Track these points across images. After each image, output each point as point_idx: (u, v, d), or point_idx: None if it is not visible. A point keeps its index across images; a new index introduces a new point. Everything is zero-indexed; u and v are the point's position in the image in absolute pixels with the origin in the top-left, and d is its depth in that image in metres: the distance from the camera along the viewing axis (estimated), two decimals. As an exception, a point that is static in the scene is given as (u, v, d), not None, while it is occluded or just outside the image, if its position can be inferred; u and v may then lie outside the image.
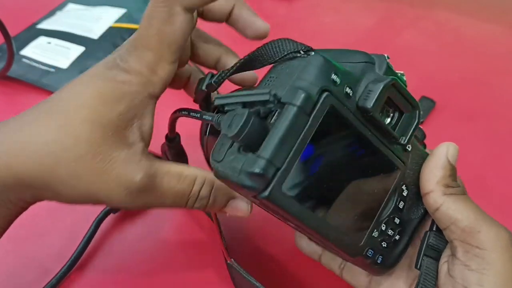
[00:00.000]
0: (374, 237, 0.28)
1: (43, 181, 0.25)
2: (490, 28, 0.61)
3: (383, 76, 0.25)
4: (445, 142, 0.29)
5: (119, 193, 0.26)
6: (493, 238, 0.26)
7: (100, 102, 0.26)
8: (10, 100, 0.52)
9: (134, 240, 0.39)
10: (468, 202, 0.28)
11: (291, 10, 0.65)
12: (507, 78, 0.54)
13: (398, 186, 0.28)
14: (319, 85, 0.23)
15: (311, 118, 0.23)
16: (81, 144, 0.25)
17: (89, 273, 0.37)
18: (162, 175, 0.28)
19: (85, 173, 0.26)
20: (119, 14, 0.62)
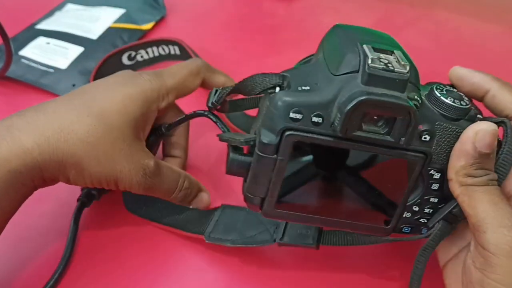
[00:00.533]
0: (407, 217, 0.29)
1: (79, 157, 0.31)
2: (490, 28, 0.61)
3: (357, 92, 0.25)
4: (477, 123, 0.26)
5: (137, 174, 0.33)
6: (497, 242, 0.25)
7: (130, 101, 0.33)
8: (9, 100, 0.52)
9: (117, 226, 0.39)
10: (485, 195, 0.26)
11: (291, 10, 0.65)
12: (508, 78, 0.54)
13: (424, 173, 0.28)
14: (279, 126, 0.26)
15: (278, 157, 0.26)
16: (114, 130, 0.32)
17: (83, 269, 0.37)
18: (163, 165, 0.35)
19: (117, 154, 0.32)
20: (118, 14, 0.62)
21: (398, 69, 0.25)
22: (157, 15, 0.63)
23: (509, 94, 0.28)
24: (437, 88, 0.27)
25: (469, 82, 0.29)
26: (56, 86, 0.52)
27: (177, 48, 0.55)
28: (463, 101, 0.27)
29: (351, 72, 0.25)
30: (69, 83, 0.52)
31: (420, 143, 0.27)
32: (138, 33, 0.60)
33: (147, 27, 0.61)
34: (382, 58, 0.25)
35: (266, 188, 0.28)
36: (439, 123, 0.27)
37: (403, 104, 0.25)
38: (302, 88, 0.26)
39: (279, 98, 0.25)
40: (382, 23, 0.63)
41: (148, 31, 0.61)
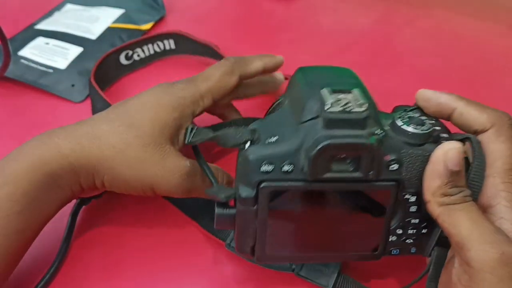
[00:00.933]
0: (393, 241, 0.31)
1: (112, 162, 0.33)
2: (488, 27, 0.61)
3: (319, 137, 0.26)
4: (444, 144, 0.27)
5: (174, 175, 0.34)
6: (481, 258, 0.25)
7: (160, 108, 0.35)
8: (8, 100, 0.52)
9: (114, 225, 0.39)
10: (464, 213, 0.26)
11: (290, 10, 0.65)
12: (506, 78, 0.54)
13: (400, 198, 0.29)
14: (253, 180, 0.28)
15: (258, 207, 0.28)
16: (144, 137, 0.34)
17: (78, 266, 0.37)
18: (196, 165, 0.36)
19: (149, 158, 0.34)
20: (117, 14, 0.62)
21: (356, 109, 0.27)
22: (157, 15, 0.63)
23: (475, 111, 0.29)
24: (398, 117, 0.29)
25: (435, 103, 0.30)
26: (55, 87, 0.52)
27: (172, 42, 0.56)
28: (424, 126, 0.28)
29: (313, 119, 0.27)
30: (69, 83, 0.52)
31: (389, 172, 0.28)
32: (138, 33, 0.60)
33: (147, 27, 0.61)
34: (342, 99, 0.27)
35: (253, 237, 0.30)
36: (404, 150, 0.28)
37: (363, 142, 0.26)
38: (270, 140, 0.28)
39: (249, 154, 0.28)
40: (381, 22, 0.63)
41: (147, 31, 0.61)
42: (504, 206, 0.27)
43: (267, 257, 0.31)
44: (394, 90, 0.50)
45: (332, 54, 0.57)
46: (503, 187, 0.27)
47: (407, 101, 0.50)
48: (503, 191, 0.27)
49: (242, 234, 0.30)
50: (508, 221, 0.27)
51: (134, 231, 0.39)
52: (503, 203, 0.27)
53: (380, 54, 0.58)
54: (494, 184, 0.28)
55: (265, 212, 0.29)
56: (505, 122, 0.29)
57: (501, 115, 0.29)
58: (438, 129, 0.30)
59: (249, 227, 0.30)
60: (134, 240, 0.39)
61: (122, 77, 0.54)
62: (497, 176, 0.27)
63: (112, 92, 0.53)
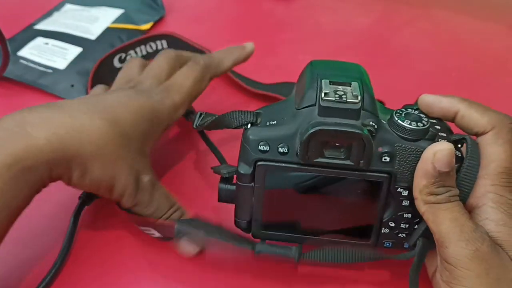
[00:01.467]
0: (386, 233, 0.32)
1: (86, 159, 0.31)
2: (487, 27, 0.61)
3: (312, 123, 0.28)
4: (434, 144, 0.28)
5: (131, 185, 0.34)
6: (458, 255, 0.26)
7: (142, 115, 0.35)
8: (7, 101, 0.52)
9: (115, 226, 0.39)
10: (447, 213, 0.27)
11: (289, 10, 0.65)
12: (505, 78, 0.54)
13: (393, 191, 0.30)
14: (251, 158, 0.30)
15: (254, 185, 0.30)
16: (123, 138, 0.33)
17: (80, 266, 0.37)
18: (158, 187, 0.36)
19: (119, 161, 0.33)
20: (116, 14, 0.62)
21: (351, 99, 0.28)
22: (156, 15, 0.63)
23: (476, 113, 0.30)
24: (396, 113, 0.29)
25: (437, 107, 0.30)
26: (55, 87, 0.52)
27: (165, 42, 0.55)
28: (420, 122, 0.29)
29: (310, 106, 0.29)
30: (68, 83, 0.52)
31: (381, 164, 0.29)
32: (137, 33, 0.60)
33: (146, 27, 0.61)
34: (339, 90, 0.29)
35: (250, 213, 0.32)
36: (398, 144, 0.29)
37: (354, 131, 0.27)
38: (270, 123, 0.30)
39: (249, 134, 0.30)
40: (380, 22, 0.63)
41: (146, 31, 0.61)
42: (490, 207, 0.28)
43: (262, 234, 0.33)
44: (393, 90, 0.51)
45: (331, 54, 0.57)
46: (492, 189, 0.28)
47: (406, 101, 0.50)
48: (491, 192, 0.28)
49: (240, 209, 0.32)
50: (493, 222, 0.27)
51: (135, 232, 0.39)
52: (490, 204, 0.28)
53: (380, 54, 0.58)
54: (483, 185, 0.28)
55: (261, 189, 0.31)
56: (506, 125, 0.29)
57: (503, 118, 0.29)
58: (438, 128, 0.30)
59: (245, 203, 0.32)
60: (135, 240, 0.39)
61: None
62: (488, 178, 0.28)
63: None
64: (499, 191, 0.28)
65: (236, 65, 0.44)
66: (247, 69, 0.54)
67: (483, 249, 0.26)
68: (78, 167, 0.32)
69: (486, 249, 0.26)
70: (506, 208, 0.27)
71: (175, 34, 0.55)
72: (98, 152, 0.32)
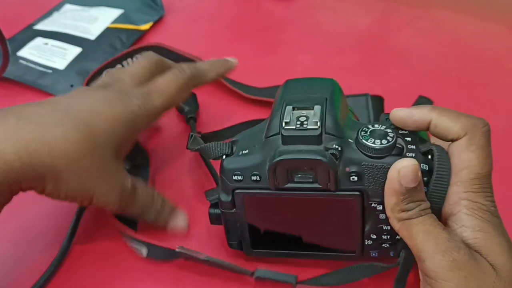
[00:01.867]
0: (370, 245, 0.33)
1: (60, 173, 0.31)
2: (487, 27, 0.61)
3: (276, 152, 0.29)
4: (397, 162, 0.28)
5: (114, 193, 0.34)
6: (436, 267, 0.26)
7: (117, 122, 0.34)
8: (6, 101, 0.52)
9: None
10: (420, 226, 0.27)
11: (289, 10, 0.65)
12: (505, 78, 0.54)
13: (367, 206, 0.31)
14: (228, 188, 0.32)
15: (235, 211, 0.33)
16: (98, 149, 0.32)
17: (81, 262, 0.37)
18: (137, 183, 0.36)
19: (96, 173, 0.32)
20: (116, 14, 0.62)
21: (311, 126, 0.29)
22: (155, 15, 0.63)
23: (448, 120, 0.29)
24: (361, 131, 0.30)
25: (411, 121, 0.30)
26: (54, 87, 0.52)
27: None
28: (385, 139, 0.29)
29: (275, 135, 0.30)
30: (67, 83, 0.52)
31: (350, 183, 0.30)
32: (136, 33, 0.60)
33: (145, 27, 0.61)
34: (302, 116, 0.30)
35: (237, 235, 0.34)
36: (365, 163, 0.29)
37: (314, 158, 0.28)
38: (243, 152, 0.31)
39: (224, 165, 0.31)
40: (380, 22, 0.63)
41: (146, 31, 0.61)
42: (465, 214, 0.28)
43: (254, 253, 0.35)
44: (393, 90, 0.51)
45: (331, 54, 0.57)
46: (465, 195, 0.28)
47: (405, 101, 0.50)
48: (464, 199, 0.28)
49: (229, 233, 0.35)
50: (469, 229, 0.27)
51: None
52: (464, 211, 0.28)
53: (379, 54, 0.58)
54: (456, 192, 0.28)
55: (243, 214, 0.33)
56: (479, 130, 0.29)
57: (475, 123, 0.29)
58: (408, 140, 0.30)
59: (232, 226, 0.34)
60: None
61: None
62: (461, 184, 0.28)
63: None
64: (472, 197, 0.28)
65: (218, 77, 0.44)
66: (247, 70, 0.54)
67: (460, 258, 0.26)
68: (51, 181, 0.31)
69: (463, 258, 0.26)
70: (481, 214, 0.27)
71: (161, 44, 0.53)
72: (72, 165, 0.31)
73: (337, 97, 0.32)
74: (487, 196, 0.28)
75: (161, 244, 0.36)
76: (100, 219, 0.40)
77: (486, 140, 0.29)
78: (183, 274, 0.37)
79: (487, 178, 0.28)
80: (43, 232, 0.39)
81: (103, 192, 0.33)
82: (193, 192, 0.42)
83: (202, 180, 0.43)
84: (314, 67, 0.55)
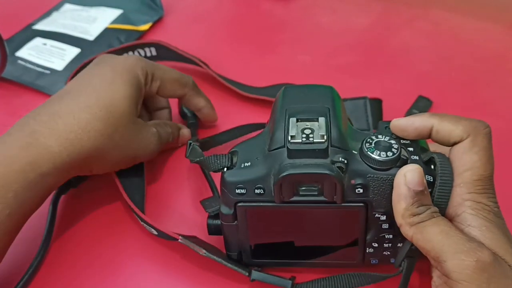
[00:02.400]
0: (371, 253, 0.33)
1: (102, 150, 0.35)
2: (487, 27, 0.61)
3: (282, 167, 0.29)
4: (402, 168, 0.28)
5: (151, 142, 0.39)
6: (458, 268, 0.25)
7: (129, 86, 0.37)
8: (5, 102, 0.52)
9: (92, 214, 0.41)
10: (435, 228, 0.27)
11: (288, 10, 0.65)
12: (505, 78, 0.54)
13: (371, 217, 0.31)
14: (230, 201, 0.31)
15: (237, 223, 0.32)
16: (124, 116, 0.36)
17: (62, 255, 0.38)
18: (158, 128, 0.41)
19: (131, 136, 0.37)
20: (115, 15, 0.62)
21: (317, 139, 0.29)
22: (155, 16, 0.63)
23: (449, 124, 0.29)
24: (366, 142, 0.30)
25: (411, 129, 0.30)
26: (52, 88, 0.52)
27: (153, 49, 0.54)
28: (390, 151, 0.29)
29: (279, 148, 0.30)
30: (65, 84, 0.52)
31: (355, 195, 0.30)
32: (135, 34, 0.60)
33: (144, 28, 0.61)
34: (307, 128, 0.29)
35: (238, 246, 0.34)
36: (370, 175, 0.29)
37: (322, 173, 0.28)
38: (245, 165, 0.31)
39: (226, 179, 0.31)
40: (379, 22, 0.62)
41: (145, 32, 0.60)
42: (470, 214, 0.28)
43: (253, 262, 0.35)
44: (392, 90, 0.50)
45: (330, 54, 0.57)
46: (469, 196, 0.28)
47: (404, 101, 0.50)
48: (468, 200, 0.28)
49: (228, 243, 0.34)
50: (476, 228, 0.27)
51: (116, 218, 0.40)
52: (468, 211, 0.28)
53: (379, 54, 0.58)
54: (459, 194, 0.28)
55: (245, 226, 0.32)
56: (481, 131, 0.29)
57: (477, 125, 0.29)
58: (410, 150, 0.30)
59: (232, 238, 0.34)
60: (117, 228, 0.40)
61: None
62: (464, 186, 0.28)
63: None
64: (476, 198, 0.28)
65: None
66: (247, 70, 0.54)
67: (484, 258, 0.25)
68: (96, 161, 0.35)
69: (488, 258, 0.25)
70: (485, 214, 0.27)
71: (161, 42, 0.53)
72: (110, 139, 0.35)
73: (338, 106, 0.32)
74: (490, 197, 0.28)
75: (166, 231, 0.36)
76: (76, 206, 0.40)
77: (488, 142, 0.29)
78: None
79: (489, 180, 0.28)
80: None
81: (142, 149, 0.38)
82: (191, 201, 0.42)
83: (200, 188, 0.43)
84: (313, 67, 0.55)
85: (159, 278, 0.37)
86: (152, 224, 0.36)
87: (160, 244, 0.38)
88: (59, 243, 0.39)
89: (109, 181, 0.41)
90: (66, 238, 0.39)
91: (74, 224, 0.40)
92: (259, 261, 0.35)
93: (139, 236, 0.39)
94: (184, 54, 0.53)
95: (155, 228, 0.36)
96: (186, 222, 0.40)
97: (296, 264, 0.35)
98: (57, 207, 0.40)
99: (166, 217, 0.41)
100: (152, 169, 0.44)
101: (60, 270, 0.37)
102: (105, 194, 0.42)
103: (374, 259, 0.33)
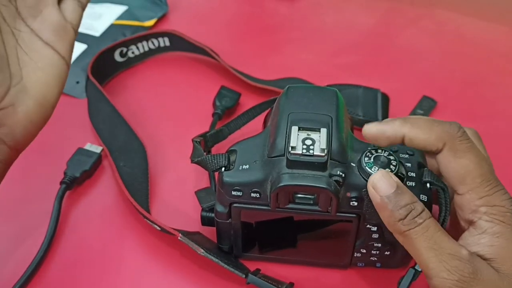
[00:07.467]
0: (358, 257, 0.34)
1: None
2: (491, 28, 0.61)
3: (280, 176, 0.29)
4: (369, 181, 0.28)
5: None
6: (441, 286, 0.26)
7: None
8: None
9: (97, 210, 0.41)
10: (421, 239, 0.26)
11: (293, 9, 0.65)
12: (510, 78, 0.54)
13: (362, 228, 0.32)
14: (226, 201, 0.32)
15: (231, 221, 0.33)
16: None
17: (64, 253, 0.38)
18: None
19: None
20: (120, 11, 0.62)
21: (317, 152, 0.29)
22: (159, 12, 0.63)
23: (421, 132, 0.28)
24: (365, 156, 0.30)
25: (383, 138, 0.29)
26: (59, 83, 0.52)
27: (167, 40, 0.55)
28: (388, 168, 0.29)
29: (279, 156, 0.30)
30: (73, 80, 0.52)
31: (349, 207, 0.30)
32: (141, 30, 0.60)
33: (150, 23, 0.61)
34: (308, 139, 0.29)
35: (229, 240, 0.35)
36: (365, 190, 0.29)
37: (319, 186, 0.29)
38: (243, 167, 0.31)
39: (223, 179, 0.31)
40: (383, 22, 0.63)
41: (150, 27, 0.61)
42: (485, 221, 0.27)
43: (244, 256, 0.36)
44: (397, 89, 0.51)
45: (335, 53, 0.57)
46: (481, 202, 0.27)
47: (408, 101, 0.50)
48: (482, 206, 0.27)
49: (221, 237, 0.35)
50: (489, 235, 0.27)
51: (117, 214, 0.40)
52: (484, 218, 0.27)
53: (384, 54, 0.58)
54: (471, 201, 0.28)
55: (238, 224, 0.33)
56: (455, 135, 0.28)
57: (449, 129, 0.28)
58: (407, 166, 0.31)
59: (225, 234, 0.34)
60: (120, 224, 0.40)
61: (118, 74, 0.54)
62: (472, 192, 0.27)
63: (109, 88, 0.53)
64: (489, 202, 0.27)
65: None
66: (251, 69, 0.54)
67: (464, 277, 0.25)
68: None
69: (468, 277, 0.25)
70: (502, 219, 0.27)
71: (176, 32, 0.54)
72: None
73: (341, 114, 0.32)
74: (502, 194, 0.27)
75: (166, 227, 0.36)
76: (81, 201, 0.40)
77: (467, 142, 0.28)
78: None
79: (491, 174, 0.28)
80: (27, 217, 0.39)
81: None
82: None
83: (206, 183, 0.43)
84: (318, 66, 0.55)
85: (160, 275, 0.37)
86: (153, 220, 0.37)
87: (162, 241, 0.39)
88: (61, 238, 0.39)
89: (112, 180, 0.41)
90: (68, 233, 0.39)
91: (77, 220, 0.40)
92: (248, 255, 0.36)
93: (141, 232, 0.39)
94: (198, 44, 0.53)
95: (157, 224, 0.36)
96: (190, 217, 0.40)
97: (285, 261, 0.36)
98: (62, 203, 0.40)
99: (169, 213, 0.41)
100: (155, 166, 0.44)
101: (62, 264, 0.38)
102: (109, 192, 0.42)
103: (361, 263, 0.35)
